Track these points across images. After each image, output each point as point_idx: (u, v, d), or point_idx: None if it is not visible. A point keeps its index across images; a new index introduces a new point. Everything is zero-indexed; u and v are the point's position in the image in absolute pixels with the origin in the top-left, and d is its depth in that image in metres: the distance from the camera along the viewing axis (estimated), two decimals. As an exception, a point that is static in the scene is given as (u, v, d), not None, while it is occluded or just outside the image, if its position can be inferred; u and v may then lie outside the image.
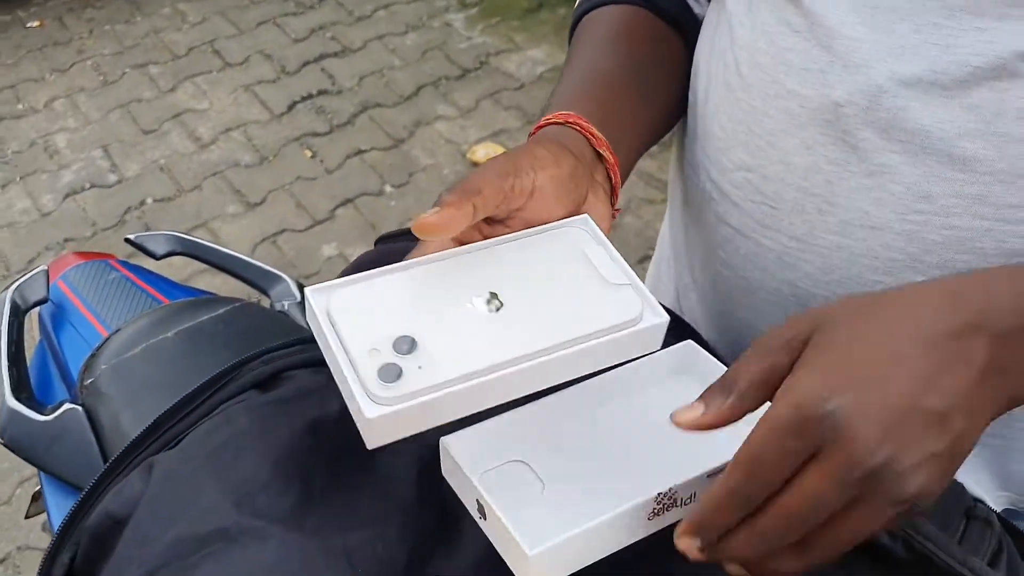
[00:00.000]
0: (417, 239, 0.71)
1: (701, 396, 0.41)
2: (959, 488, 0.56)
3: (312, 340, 0.58)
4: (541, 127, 0.55)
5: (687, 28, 0.68)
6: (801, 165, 0.56)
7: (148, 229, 2.20)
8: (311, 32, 2.84)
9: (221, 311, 0.84)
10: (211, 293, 0.96)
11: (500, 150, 2.41)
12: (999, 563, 0.51)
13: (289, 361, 0.56)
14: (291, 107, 2.57)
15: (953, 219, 0.52)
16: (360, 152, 2.43)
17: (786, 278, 0.60)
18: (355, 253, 2.17)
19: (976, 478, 0.63)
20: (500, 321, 0.44)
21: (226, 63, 2.74)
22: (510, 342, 0.43)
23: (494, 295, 0.45)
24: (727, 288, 0.66)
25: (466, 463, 0.49)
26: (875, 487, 0.37)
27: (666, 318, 0.45)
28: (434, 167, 2.39)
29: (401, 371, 0.41)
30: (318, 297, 0.44)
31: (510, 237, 0.48)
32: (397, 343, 0.42)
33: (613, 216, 0.55)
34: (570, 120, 0.54)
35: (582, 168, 0.51)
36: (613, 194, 0.55)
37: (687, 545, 0.42)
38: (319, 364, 0.56)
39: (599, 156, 0.54)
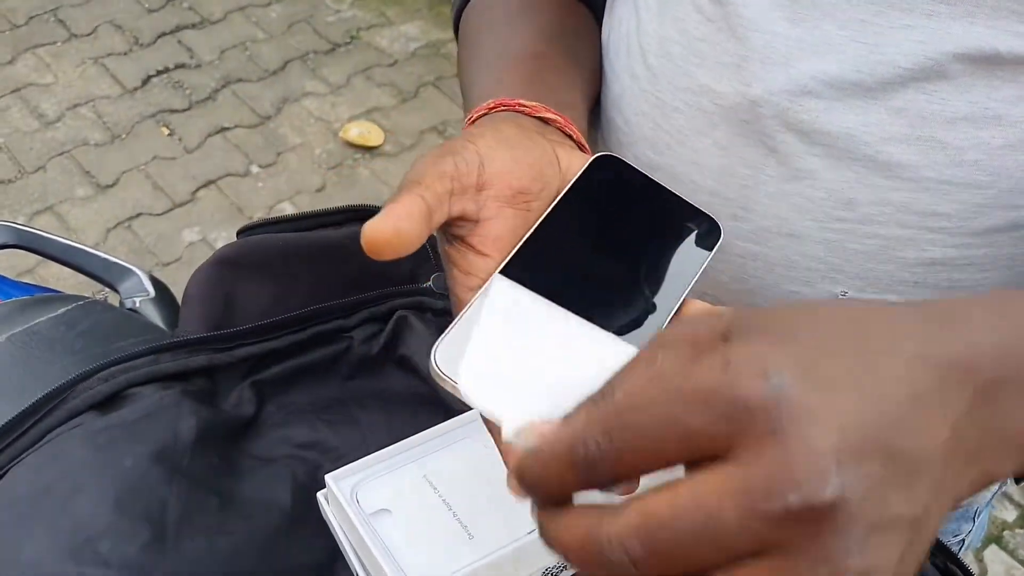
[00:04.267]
0: (289, 229, 0.64)
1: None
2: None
3: (161, 349, 0.50)
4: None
5: (592, 2, 0.62)
6: (714, 167, 0.52)
7: (-15, 215, 2.01)
8: (166, 1, 2.65)
9: (61, 311, 0.74)
10: (52, 290, 0.86)
11: (375, 128, 2.31)
12: None
13: (134, 376, 0.48)
14: (145, 81, 2.39)
15: (876, 227, 0.49)
16: (223, 130, 2.29)
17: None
18: (220, 239, 2.05)
19: None
20: None
21: (72, 33, 2.52)
22: None
23: None
24: None
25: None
26: (808, 535, 0.23)
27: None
28: (304, 146, 2.27)
29: None
30: None
31: None
32: None
33: None
34: (492, 107, 0.46)
35: (528, 130, 0.43)
36: (582, 149, 0.46)
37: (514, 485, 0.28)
38: (168, 379, 0.48)
39: (543, 121, 0.46)
